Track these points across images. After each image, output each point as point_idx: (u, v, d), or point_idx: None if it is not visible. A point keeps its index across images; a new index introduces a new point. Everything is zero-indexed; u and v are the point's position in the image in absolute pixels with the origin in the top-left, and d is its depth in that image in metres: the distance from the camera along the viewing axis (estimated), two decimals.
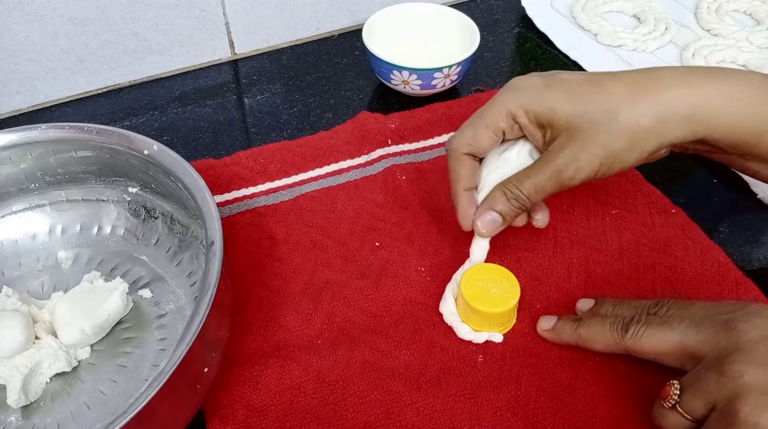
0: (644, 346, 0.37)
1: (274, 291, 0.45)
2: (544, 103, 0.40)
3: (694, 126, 0.38)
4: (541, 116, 0.40)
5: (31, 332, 0.40)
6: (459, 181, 0.44)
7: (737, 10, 0.72)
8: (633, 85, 0.39)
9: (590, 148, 0.39)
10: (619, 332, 0.38)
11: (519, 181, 0.41)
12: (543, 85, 0.41)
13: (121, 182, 0.47)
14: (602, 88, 0.39)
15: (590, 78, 0.40)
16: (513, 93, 0.42)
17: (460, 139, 0.43)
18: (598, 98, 0.39)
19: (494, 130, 0.42)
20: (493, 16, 0.73)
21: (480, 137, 0.42)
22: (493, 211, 0.42)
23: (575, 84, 0.40)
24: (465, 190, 0.44)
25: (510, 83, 0.43)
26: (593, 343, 0.40)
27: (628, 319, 0.38)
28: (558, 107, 0.40)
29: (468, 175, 0.43)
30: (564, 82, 0.40)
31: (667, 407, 0.35)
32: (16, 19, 0.55)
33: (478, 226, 0.43)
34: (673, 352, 0.36)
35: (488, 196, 0.43)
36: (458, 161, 0.43)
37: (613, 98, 0.39)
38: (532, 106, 0.40)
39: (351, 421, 0.39)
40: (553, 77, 0.41)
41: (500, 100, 0.42)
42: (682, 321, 0.36)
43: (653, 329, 0.37)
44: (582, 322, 0.40)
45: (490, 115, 0.42)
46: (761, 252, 0.48)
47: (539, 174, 0.41)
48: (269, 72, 0.65)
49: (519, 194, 0.41)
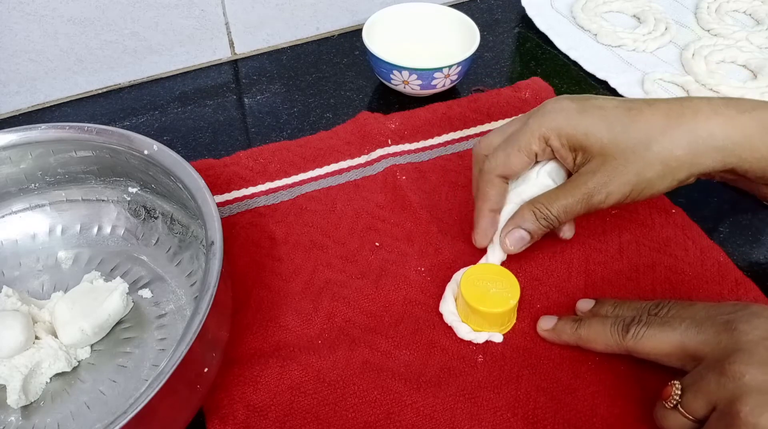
0: (645, 347, 0.37)
1: (274, 291, 0.45)
2: (578, 127, 0.41)
3: (726, 157, 0.39)
4: (575, 140, 0.41)
5: (31, 332, 0.40)
6: (486, 202, 0.44)
7: (737, 10, 0.72)
8: (669, 115, 0.40)
9: (623, 175, 0.40)
10: (620, 333, 0.38)
11: (549, 202, 0.42)
12: (577, 109, 0.41)
13: (121, 182, 0.47)
14: (638, 117, 0.40)
15: (626, 105, 0.41)
16: (546, 116, 0.42)
17: (493, 162, 0.43)
18: (634, 127, 0.40)
19: (527, 153, 0.43)
20: (493, 16, 0.73)
21: (513, 160, 0.43)
22: (521, 229, 0.43)
23: (610, 111, 0.41)
24: (490, 210, 0.44)
25: (543, 106, 0.43)
26: (594, 343, 0.40)
27: (629, 320, 0.38)
28: (593, 133, 0.40)
29: (496, 197, 0.44)
30: (599, 109, 0.41)
31: (668, 407, 0.35)
32: (16, 19, 0.55)
33: (506, 243, 0.43)
34: (674, 352, 0.36)
35: (517, 215, 0.43)
36: (490, 184, 0.44)
37: (648, 127, 0.39)
38: (566, 129, 0.41)
39: (351, 421, 0.39)
40: (587, 102, 0.42)
41: (533, 123, 0.42)
42: (682, 321, 0.36)
43: (654, 330, 0.37)
44: (582, 323, 0.41)
45: (524, 138, 0.42)
46: (761, 252, 0.48)
47: (569, 196, 0.42)
48: (269, 72, 0.65)
49: (548, 214, 0.42)
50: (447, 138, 0.57)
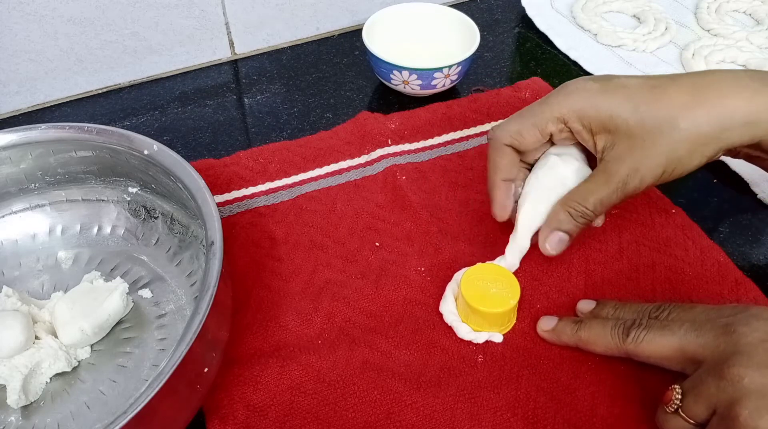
0: (645, 350, 0.37)
1: (274, 291, 0.45)
2: (601, 109, 0.39)
3: (753, 130, 0.39)
4: (598, 122, 0.40)
5: (31, 332, 0.40)
6: (497, 172, 0.43)
7: (737, 10, 0.72)
8: (693, 92, 0.39)
9: (653, 156, 0.39)
10: (620, 336, 0.38)
11: (582, 198, 0.41)
12: (599, 90, 0.40)
13: (121, 182, 0.47)
14: (663, 95, 0.39)
15: (649, 83, 0.40)
16: (566, 97, 0.41)
17: (504, 130, 0.42)
18: (659, 105, 0.38)
19: (541, 131, 0.42)
20: (493, 16, 0.73)
21: (525, 134, 0.42)
22: (560, 232, 0.42)
23: (634, 90, 0.39)
24: (503, 180, 0.43)
25: (563, 86, 0.41)
26: (593, 345, 0.40)
27: (630, 323, 0.38)
28: (617, 114, 0.39)
29: (507, 167, 0.43)
30: (623, 88, 0.40)
31: (669, 412, 0.35)
32: (16, 19, 0.55)
33: (547, 249, 0.42)
34: (674, 356, 0.36)
35: (552, 217, 0.42)
36: (499, 151, 0.43)
37: (674, 105, 0.38)
38: (588, 111, 0.40)
39: (351, 421, 0.39)
40: (610, 82, 0.40)
41: (552, 103, 0.41)
42: (682, 325, 0.36)
43: (654, 333, 0.37)
44: (583, 324, 0.40)
45: (540, 116, 0.41)
46: (761, 252, 0.48)
47: (604, 188, 0.40)
48: (269, 72, 0.65)
49: (585, 211, 0.41)
50: (447, 138, 0.57)
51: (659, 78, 0.40)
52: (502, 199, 0.44)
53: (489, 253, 0.47)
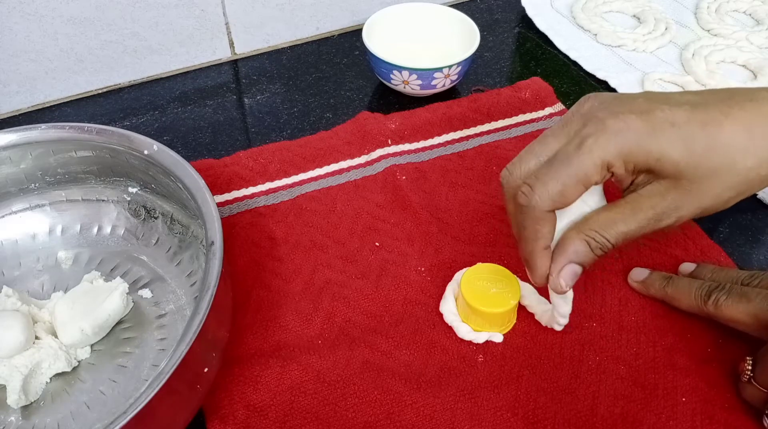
0: (724, 314, 0.39)
1: (274, 291, 0.45)
2: (651, 152, 0.34)
3: None
4: (644, 165, 0.35)
5: (31, 332, 0.40)
6: (539, 241, 0.37)
7: (737, 10, 0.72)
8: (750, 131, 0.34)
9: (699, 198, 0.35)
10: (702, 297, 0.40)
11: (604, 228, 0.36)
12: (646, 130, 0.34)
13: (121, 182, 0.47)
14: (718, 135, 0.34)
15: (700, 118, 0.34)
16: (609, 140, 0.34)
17: (544, 194, 0.35)
18: (715, 147, 0.34)
19: (585, 184, 0.35)
20: (493, 16, 0.73)
21: (569, 193, 0.35)
22: (575, 264, 0.37)
23: (685, 128, 0.34)
24: (545, 248, 0.37)
25: (602, 122, 0.35)
26: (678, 302, 0.42)
27: (714, 286, 0.40)
28: (668, 157, 0.34)
29: (550, 234, 0.37)
30: (671, 127, 0.34)
31: (744, 381, 0.37)
32: (16, 19, 0.55)
33: (561, 285, 0.37)
34: (751, 322, 0.37)
35: (566, 246, 0.37)
36: (539, 220, 0.36)
37: (730, 148, 0.34)
38: (635, 155, 0.34)
39: (351, 421, 0.39)
40: (655, 116, 0.34)
41: (594, 148, 0.34)
42: (759, 293, 0.37)
43: (732, 299, 0.38)
44: (672, 280, 0.42)
45: (583, 166, 0.34)
46: (761, 252, 0.48)
47: (632, 221, 0.36)
48: (269, 72, 0.65)
49: (605, 243, 0.36)
50: (447, 138, 0.57)
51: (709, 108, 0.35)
52: (544, 268, 0.38)
53: (489, 253, 0.47)
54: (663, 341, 0.42)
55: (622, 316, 0.43)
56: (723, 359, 0.41)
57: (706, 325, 0.42)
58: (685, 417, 0.38)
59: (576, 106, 0.37)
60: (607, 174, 0.35)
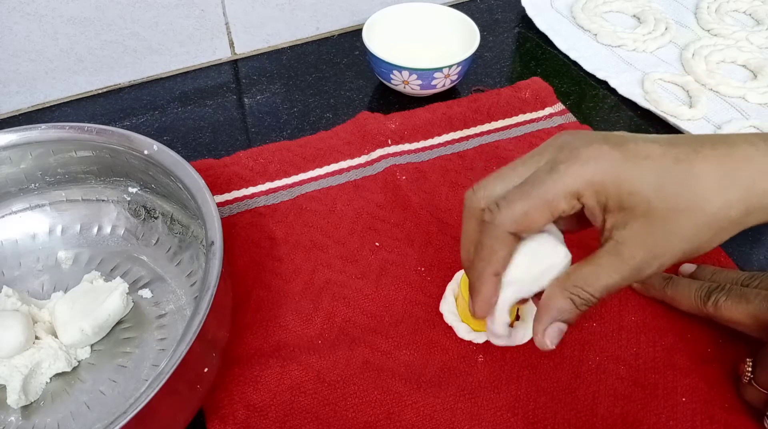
0: (723, 315, 0.39)
1: (274, 291, 0.45)
2: (623, 184, 0.33)
3: None
4: (616, 199, 0.33)
5: (31, 332, 0.40)
6: (492, 264, 0.36)
7: (737, 10, 0.72)
8: (722, 171, 0.33)
9: (674, 242, 0.34)
10: (702, 298, 0.40)
11: (588, 283, 0.35)
12: (620, 159, 0.33)
13: (121, 182, 0.47)
14: (689, 173, 0.33)
15: (673, 154, 0.33)
16: (582, 167, 0.33)
17: (509, 213, 0.34)
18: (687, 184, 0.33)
19: (552, 211, 0.34)
20: (493, 16, 0.73)
21: (533, 216, 0.34)
22: (560, 323, 0.35)
23: (658, 162, 0.33)
24: (495, 274, 0.36)
25: (575, 150, 0.34)
26: (678, 303, 0.42)
27: (714, 287, 0.40)
28: (639, 191, 0.33)
29: (505, 259, 0.36)
30: (645, 159, 0.33)
31: (745, 382, 0.37)
32: (16, 19, 0.55)
33: (547, 344, 0.36)
34: (750, 323, 0.38)
35: (550, 305, 0.35)
36: (499, 240, 0.35)
37: (703, 186, 0.33)
38: (607, 186, 0.33)
39: (351, 421, 0.39)
40: (629, 148, 0.33)
41: (564, 174, 0.33)
42: (759, 294, 0.37)
43: (732, 300, 0.38)
44: (672, 281, 0.42)
45: (552, 191, 0.33)
46: (761, 252, 0.48)
47: (614, 274, 0.34)
48: (269, 72, 0.65)
49: (590, 298, 0.35)
50: (447, 138, 0.57)
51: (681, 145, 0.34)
52: (489, 295, 0.36)
53: None
54: (663, 341, 0.42)
55: (622, 316, 0.43)
56: (723, 359, 0.41)
57: (706, 325, 0.42)
58: (685, 417, 0.38)
59: (550, 139, 0.36)
60: (576, 204, 0.34)
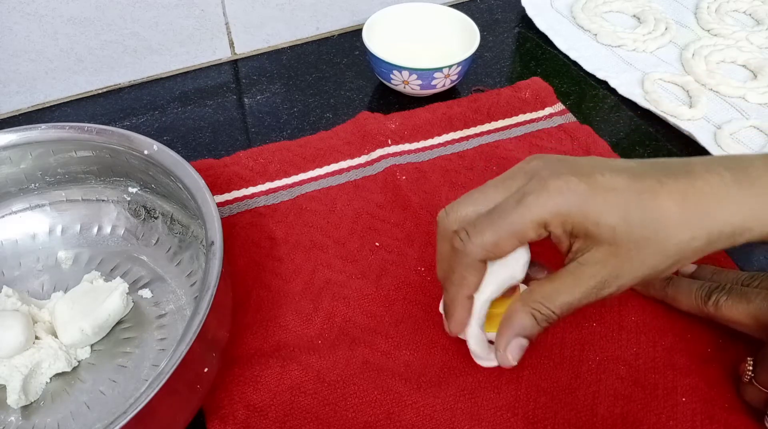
0: (724, 315, 0.39)
1: (274, 291, 0.45)
2: (589, 215, 0.34)
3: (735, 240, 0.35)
4: (582, 228, 0.35)
5: (31, 332, 0.40)
6: (464, 289, 0.37)
7: (737, 10, 0.72)
8: (684, 203, 0.34)
9: (636, 268, 0.35)
10: (702, 298, 0.40)
11: (548, 300, 0.36)
12: (587, 192, 0.34)
13: (121, 182, 0.47)
14: (653, 205, 0.34)
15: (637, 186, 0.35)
16: (549, 198, 0.34)
17: (478, 243, 0.36)
18: (652, 217, 0.34)
19: (520, 239, 0.35)
20: (493, 16, 0.73)
21: (502, 245, 0.35)
22: (521, 338, 0.36)
23: (623, 194, 0.34)
24: (468, 297, 0.38)
25: (543, 180, 0.35)
26: (678, 303, 0.42)
27: (714, 287, 0.40)
28: (605, 221, 0.34)
29: (476, 284, 0.38)
30: (611, 191, 0.34)
31: (745, 381, 0.38)
32: (16, 19, 0.55)
33: (509, 359, 0.37)
34: (750, 323, 0.38)
35: (513, 320, 0.37)
36: (471, 268, 0.37)
37: (664, 217, 0.34)
38: (573, 216, 0.34)
39: (351, 421, 0.39)
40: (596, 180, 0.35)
41: (532, 205, 0.34)
42: (759, 294, 0.37)
43: (732, 300, 0.38)
44: (672, 281, 0.42)
45: (520, 222, 0.35)
46: (761, 252, 0.48)
47: (575, 291, 0.35)
48: (269, 72, 0.65)
49: (550, 315, 0.36)
50: (447, 138, 0.57)
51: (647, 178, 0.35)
52: (463, 317, 0.38)
53: None
54: (663, 341, 0.42)
55: (622, 316, 0.43)
56: (723, 359, 0.41)
57: (706, 325, 0.42)
58: (685, 417, 0.38)
59: (521, 163, 0.37)
60: (543, 232, 0.35)
